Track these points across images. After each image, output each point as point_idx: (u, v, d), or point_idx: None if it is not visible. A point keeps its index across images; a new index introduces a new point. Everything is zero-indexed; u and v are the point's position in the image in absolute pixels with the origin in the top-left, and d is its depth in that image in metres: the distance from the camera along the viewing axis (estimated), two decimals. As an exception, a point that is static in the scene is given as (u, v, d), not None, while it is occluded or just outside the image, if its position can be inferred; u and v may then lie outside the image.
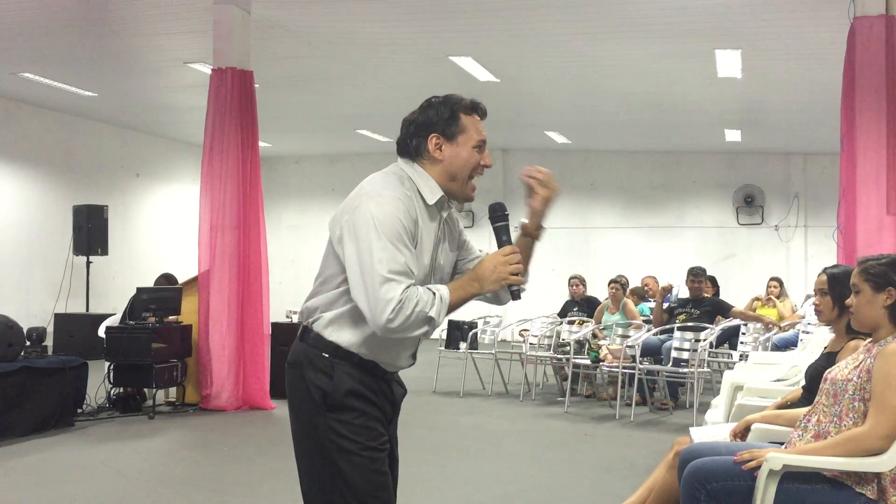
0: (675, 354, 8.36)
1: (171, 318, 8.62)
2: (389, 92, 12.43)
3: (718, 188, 17.00)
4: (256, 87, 9.26)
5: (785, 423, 3.68)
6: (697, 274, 9.43)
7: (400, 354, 2.63)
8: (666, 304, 9.52)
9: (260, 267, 8.95)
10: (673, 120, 14.30)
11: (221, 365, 8.67)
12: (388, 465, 2.60)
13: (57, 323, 12.14)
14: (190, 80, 11.70)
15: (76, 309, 12.72)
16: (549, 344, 9.82)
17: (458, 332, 10.41)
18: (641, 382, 8.65)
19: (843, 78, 7.44)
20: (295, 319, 9.56)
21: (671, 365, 8.37)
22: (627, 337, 9.00)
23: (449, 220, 2.68)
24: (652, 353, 8.88)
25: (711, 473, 3.20)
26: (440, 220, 2.63)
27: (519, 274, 2.53)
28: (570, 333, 9.57)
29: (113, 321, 8.88)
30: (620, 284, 10.05)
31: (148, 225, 16.42)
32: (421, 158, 2.59)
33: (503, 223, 2.62)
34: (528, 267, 2.66)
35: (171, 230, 16.65)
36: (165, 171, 16.93)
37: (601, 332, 9.64)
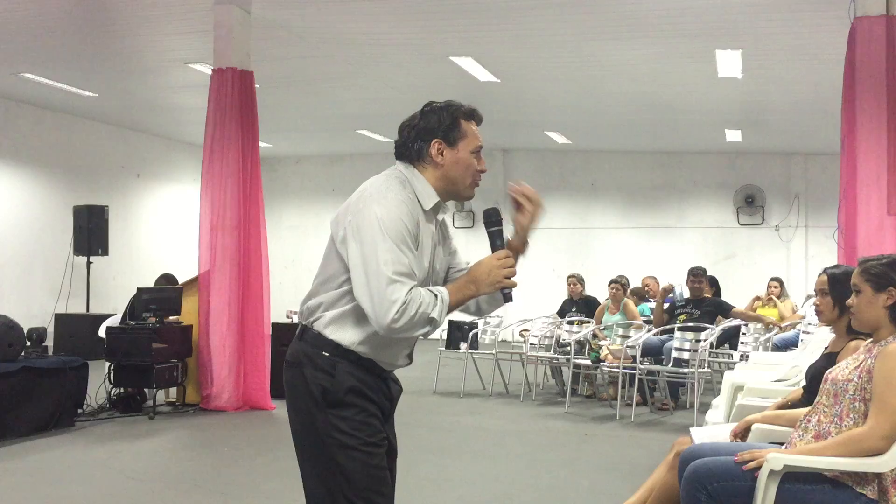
0: (675, 355, 8.36)
1: (171, 318, 8.63)
2: (390, 92, 12.43)
3: (719, 188, 17.00)
4: (257, 87, 9.27)
5: (785, 423, 3.67)
6: (698, 274, 9.42)
7: (398, 354, 2.67)
8: (668, 304, 9.51)
9: (260, 267, 8.96)
10: (673, 120, 14.29)
11: (222, 365, 8.68)
12: (386, 460, 2.65)
13: (57, 323, 12.15)
14: (190, 80, 11.70)
15: (76, 309, 12.73)
16: (549, 344, 9.82)
17: (458, 332, 10.40)
18: (642, 383, 8.65)
19: (843, 78, 7.45)
20: (295, 319, 9.56)
21: (672, 365, 8.36)
22: (628, 337, 9.01)
23: (443, 224, 2.74)
24: (652, 353, 8.88)
25: (712, 474, 3.20)
26: (436, 223, 2.68)
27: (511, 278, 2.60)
28: (569, 334, 9.57)
29: (113, 321, 8.89)
30: (621, 285, 10.05)
31: (148, 225, 16.42)
32: (421, 163, 2.63)
33: (497, 228, 2.68)
34: (509, 301, 2.72)
35: (171, 230, 16.65)
36: (166, 171, 16.93)
37: (601, 332, 9.65)
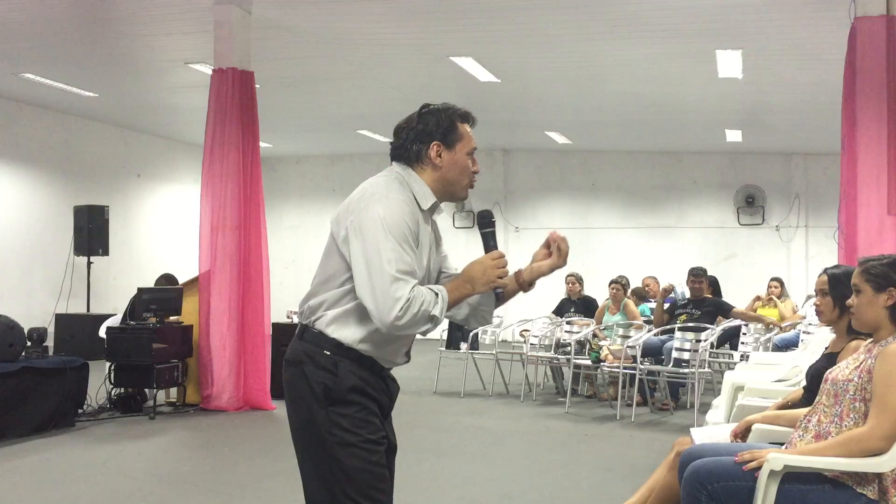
0: (675, 355, 8.35)
1: (171, 318, 8.64)
2: (390, 92, 12.44)
3: (719, 188, 17.00)
4: (257, 87, 9.27)
5: (786, 423, 3.67)
6: (698, 274, 9.42)
7: (398, 352, 2.71)
8: (668, 304, 9.51)
9: (261, 267, 8.96)
10: (674, 120, 14.29)
11: (222, 365, 8.68)
12: (386, 458, 2.67)
13: (58, 323, 12.15)
14: (191, 80, 11.70)
15: (77, 309, 12.73)
16: (549, 344, 9.82)
17: (458, 332, 10.40)
18: (642, 383, 8.65)
19: (843, 78, 7.45)
20: (295, 320, 9.55)
21: (672, 365, 8.36)
22: (628, 337, 9.01)
23: (436, 226, 2.79)
24: (653, 353, 8.88)
25: (712, 474, 3.20)
26: (432, 224, 2.73)
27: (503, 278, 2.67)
28: (569, 334, 9.57)
29: (114, 321, 8.89)
30: (621, 285, 10.05)
31: (149, 225, 16.42)
32: (420, 164, 2.68)
33: (490, 229, 2.75)
34: (501, 303, 2.80)
35: (171, 230, 16.65)
36: (166, 171, 16.93)
37: (602, 332, 9.65)
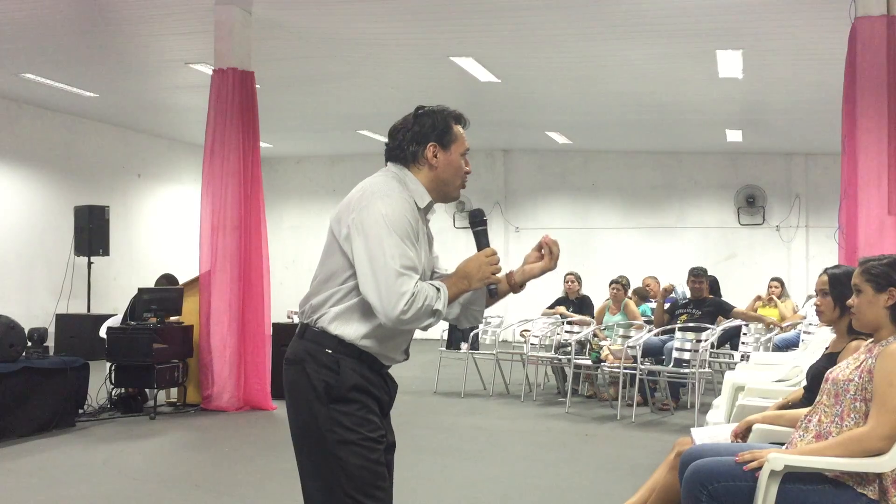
0: (676, 355, 8.35)
1: (172, 318, 8.64)
2: (390, 92, 12.43)
3: (720, 188, 16.99)
4: (257, 87, 9.27)
5: (786, 423, 3.67)
6: (698, 274, 9.41)
7: (398, 348, 2.74)
8: (669, 304, 9.50)
9: (261, 267, 8.95)
10: (674, 120, 14.29)
11: (222, 365, 8.68)
12: (384, 456, 2.69)
13: (58, 323, 12.16)
14: (191, 80, 11.70)
15: (77, 309, 12.73)
16: (549, 344, 9.81)
17: (459, 332, 10.38)
18: (643, 383, 8.65)
19: (844, 78, 7.45)
20: (296, 320, 9.55)
21: (672, 365, 8.36)
22: (629, 337, 9.00)
23: (428, 226, 2.82)
24: (653, 353, 8.87)
25: (713, 474, 3.20)
26: (426, 223, 2.77)
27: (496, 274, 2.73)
28: (570, 335, 9.57)
29: (114, 322, 8.88)
30: (622, 285, 10.05)
31: (149, 225, 16.42)
32: (416, 165, 2.72)
33: (482, 227, 2.80)
34: (493, 303, 2.86)
35: (172, 231, 16.65)
36: (167, 171, 16.93)
37: (602, 332, 9.65)
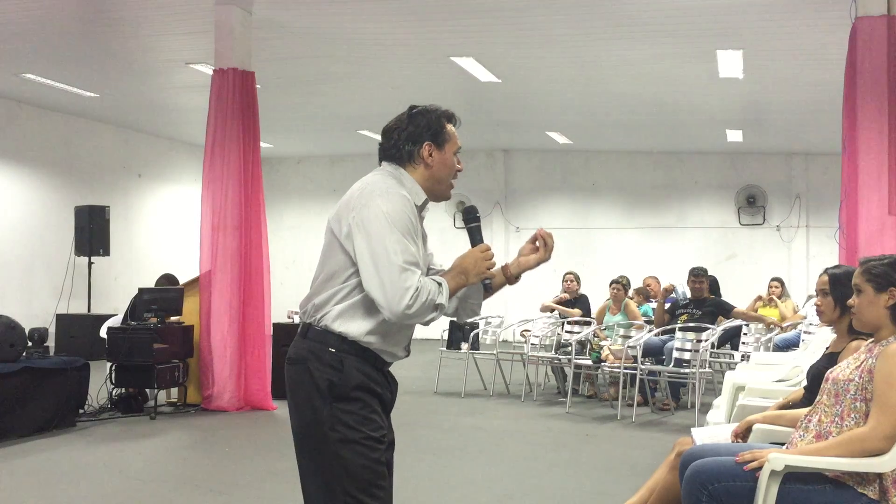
0: (676, 355, 8.35)
1: (172, 318, 8.64)
2: (391, 92, 12.43)
3: (720, 188, 16.99)
4: (258, 87, 9.27)
5: (786, 423, 3.67)
6: (699, 274, 9.41)
7: (400, 344, 2.75)
8: (669, 304, 9.50)
9: (261, 267, 8.96)
10: (675, 120, 14.29)
11: (223, 365, 8.68)
12: (386, 455, 2.71)
13: (59, 323, 12.15)
14: (191, 80, 11.71)
15: (78, 309, 12.73)
16: (550, 344, 9.81)
17: (459, 332, 10.38)
18: (643, 383, 8.65)
19: (844, 78, 7.44)
20: (296, 320, 9.55)
21: (673, 365, 8.36)
22: (629, 337, 9.00)
23: (422, 224, 2.84)
24: (653, 353, 8.87)
25: (713, 474, 3.20)
26: (421, 221, 2.79)
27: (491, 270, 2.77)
28: (570, 335, 9.57)
29: (114, 322, 8.89)
30: (622, 285, 10.05)
31: (149, 225, 16.42)
32: (411, 164, 2.75)
33: (476, 224, 2.86)
34: (488, 296, 2.90)
35: (172, 231, 16.65)
36: (167, 171, 16.93)
37: (602, 332, 9.65)
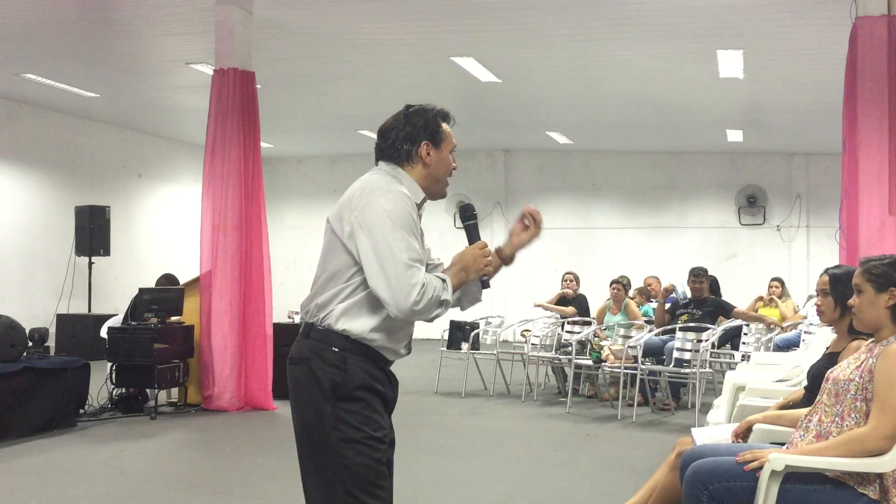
0: (677, 355, 8.35)
1: (172, 318, 8.64)
2: (391, 92, 12.43)
3: (720, 188, 16.99)
4: (258, 87, 9.27)
5: (787, 423, 3.67)
6: (699, 274, 9.40)
7: (402, 341, 2.77)
8: (670, 304, 9.50)
9: (262, 267, 8.96)
10: (675, 120, 14.29)
11: (223, 365, 8.69)
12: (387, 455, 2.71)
13: (59, 323, 12.15)
14: (192, 80, 11.71)
15: (78, 309, 12.72)
16: (550, 344, 9.81)
17: (459, 332, 10.38)
18: (643, 383, 8.65)
19: (844, 78, 7.45)
20: (297, 320, 9.55)
21: (673, 365, 8.35)
22: (629, 337, 9.00)
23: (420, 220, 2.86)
24: (654, 353, 8.87)
25: (713, 474, 3.20)
26: (420, 218, 2.79)
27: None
28: (570, 335, 9.57)
29: (115, 322, 8.89)
30: (622, 285, 10.05)
31: (150, 225, 16.42)
32: (409, 163, 2.77)
33: (473, 221, 2.89)
34: (487, 287, 2.90)
35: (172, 231, 16.65)
36: (167, 171, 16.93)
37: (603, 332, 9.65)
